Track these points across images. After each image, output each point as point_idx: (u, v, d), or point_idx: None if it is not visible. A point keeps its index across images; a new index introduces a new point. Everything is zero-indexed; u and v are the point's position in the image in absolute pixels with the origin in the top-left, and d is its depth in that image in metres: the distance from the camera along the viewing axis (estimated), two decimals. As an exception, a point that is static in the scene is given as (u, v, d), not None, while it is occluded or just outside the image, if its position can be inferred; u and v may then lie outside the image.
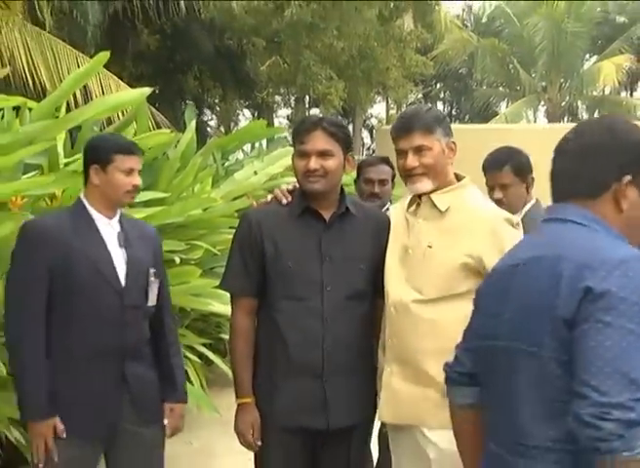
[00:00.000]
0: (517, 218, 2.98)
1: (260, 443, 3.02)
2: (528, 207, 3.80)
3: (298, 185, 3.08)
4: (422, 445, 2.86)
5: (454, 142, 2.97)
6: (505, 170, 3.77)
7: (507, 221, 2.89)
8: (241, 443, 3.07)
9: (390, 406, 2.94)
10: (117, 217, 3.19)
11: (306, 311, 2.96)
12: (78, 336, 3.04)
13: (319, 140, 2.97)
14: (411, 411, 2.88)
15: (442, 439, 2.77)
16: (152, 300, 3.23)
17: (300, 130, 3.02)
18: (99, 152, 3.13)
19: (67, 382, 3.03)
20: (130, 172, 3.12)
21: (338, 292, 2.98)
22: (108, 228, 3.15)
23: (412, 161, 2.89)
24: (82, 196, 3.18)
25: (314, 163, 2.95)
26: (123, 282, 3.11)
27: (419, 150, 2.89)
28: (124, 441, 3.14)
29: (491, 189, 3.76)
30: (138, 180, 3.16)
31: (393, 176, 4.30)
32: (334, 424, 2.99)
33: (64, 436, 2.99)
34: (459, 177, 3.01)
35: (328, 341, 2.96)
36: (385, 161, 4.37)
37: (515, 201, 3.75)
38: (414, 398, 2.87)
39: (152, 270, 3.21)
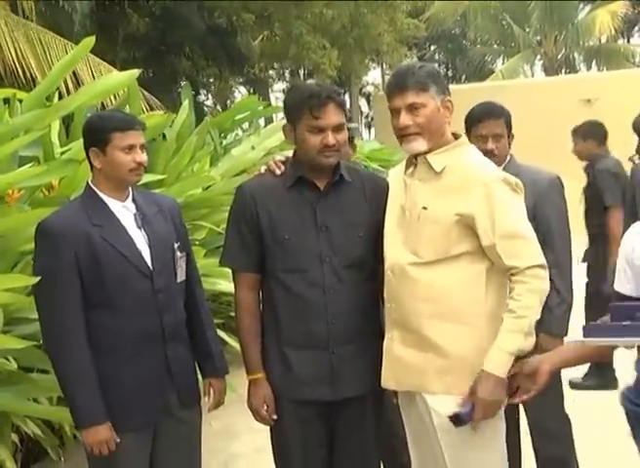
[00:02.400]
0: (516, 179, 2.86)
1: (275, 417, 3.00)
2: (505, 162, 3.74)
3: (290, 156, 3.02)
4: (426, 412, 2.82)
5: (450, 101, 2.87)
6: (502, 120, 3.72)
7: (505, 182, 2.80)
8: (256, 419, 3.05)
9: (392, 372, 2.90)
10: (130, 197, 3.04)
11: (307, 283, 2.92)
12: (117, 327, 2.92)
13: (334, 115, 2.87)
14: (412, 377, 2.84)
15: (444, 405, 2.74)
16: (181, 276, 3.11)
17: (313, 104, 2.85)
18: (94, 133, 2.97)
19: (114, 376, 2.92)
20: (130, 148, 2.93)
21: (337, 261, 2.93)
22: (124, 211, 3.00)
23: (405, 119, 2.81)
24: (90, 182, 3.03)
25: (332, 138, 2.86)
26: (150, 265, 2.98)
27: (412, 108, 2.80)
28: (166, 427, 3.05)
29: (484, 140, 3.66)
30: (141, 157, 2.96)
31: (351, 139, 3.93)
32: (341, 395, 2.96)
33: (117, 438, 2.91)
34: (456, 137, 2.93)
35: (331, 312, 2.92)
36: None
37: (503, 154, 3.70)
38: (415, 363, 2.82)
39: (176, 245, 3.09)
